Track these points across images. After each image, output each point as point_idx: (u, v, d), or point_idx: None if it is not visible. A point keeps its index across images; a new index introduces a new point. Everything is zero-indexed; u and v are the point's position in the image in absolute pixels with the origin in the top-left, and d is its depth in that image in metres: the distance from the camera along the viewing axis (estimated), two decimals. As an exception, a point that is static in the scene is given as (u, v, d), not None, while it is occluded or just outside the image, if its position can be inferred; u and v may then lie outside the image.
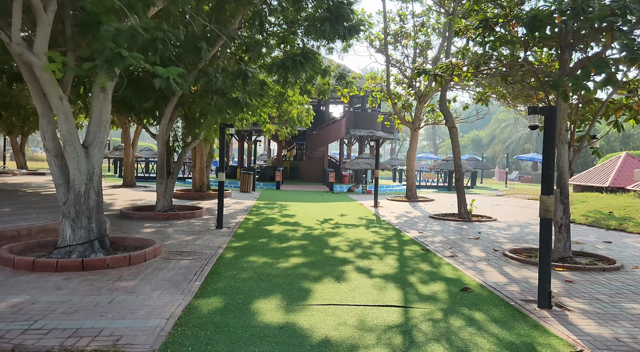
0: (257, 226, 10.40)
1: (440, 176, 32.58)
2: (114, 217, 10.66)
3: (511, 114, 54.76)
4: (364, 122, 28.70)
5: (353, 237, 9.30)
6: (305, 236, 9.34)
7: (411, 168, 17.92)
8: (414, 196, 17.79)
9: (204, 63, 9.81)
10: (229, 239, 8.53)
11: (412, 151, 18.06)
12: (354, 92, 18.70)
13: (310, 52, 10.12)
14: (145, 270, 6.00)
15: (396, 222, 11.65)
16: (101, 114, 6.29)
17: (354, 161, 23.22)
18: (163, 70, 5.62)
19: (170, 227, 9.54)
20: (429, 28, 17.40)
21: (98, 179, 6.47)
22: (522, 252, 7.95)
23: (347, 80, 16.77)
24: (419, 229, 10.65)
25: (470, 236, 9.81)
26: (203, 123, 10.85)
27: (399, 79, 18.68)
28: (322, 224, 10.99)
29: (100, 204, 6.53)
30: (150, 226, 9.68)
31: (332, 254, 7.61)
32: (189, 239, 8.39)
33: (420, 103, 17.43)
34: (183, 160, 11.37)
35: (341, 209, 14.52)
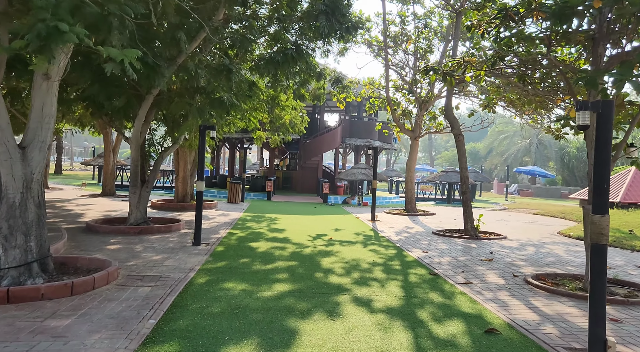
0: (240, 242, 9.20)
1: (439, 188, 31.52)
2: (78, 230, 9.43)
3: (509, 126, 54.11)
4: (360, 131, 27.66)
5: (349, 257, 8.12)
6: (294, 255, 8.15)
7: (411, 179, 16.82)
8: (414, 209, 16.66)
9: (184, 57, 8.69)
10: (205, 259, 7.33)
11: (412, 161, 16.97)
12: (350, 98, 17.66)
13: (303, 45, 9.00)
14: (91, 302, 4.79)
15: (397, 239, 10.49)
16: (43, 107, 5.12)
17: (350, 171, 22.11)
18: (116, 52, 4.48)
19: (139, 244, 8.32)
20: (430, 31, 16.42)
21: (39, 186, 5.28)
22: (547, 279, 6.81)
23: (343, 84, 15.71)
24: (423, 247, 9.49)
25: (481, 256, 8.66)
26: (182, 125, 9.69)
27: (399, 85, 17.66)
28: (315, 241, 9.81)
29: (42, 217, 5.33)
30: (117, 241, 8.45)
31: (324, 279, 6.43)
32: (157, 258, 7.18)
33: (421, 110, 16.38)
34: (159, 168, 10.18)
35: (336, 222, 13.35)
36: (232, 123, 13.66)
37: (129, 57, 4.55)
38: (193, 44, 8.76)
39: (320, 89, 16.06)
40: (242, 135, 25.62)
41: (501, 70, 8.58)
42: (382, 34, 16.14)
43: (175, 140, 10.29)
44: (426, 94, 16.41)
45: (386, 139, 29.14)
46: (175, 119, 9.96)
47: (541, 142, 47.42)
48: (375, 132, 28.00)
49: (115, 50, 4.50)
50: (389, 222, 13.97)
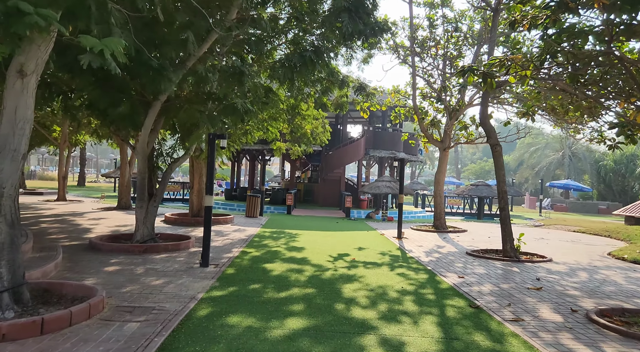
0: (253, 263, 8.31)
1: (467, 202, 30.13)
2: (80, 248, 8.71)
3: (540, 138, 52.14)
4: (384, 143, 26.63)
5: (374, 283, 7.12)
6: (312, 280, 7.20)
7: (440, 193, 15.70)
8: (443, 225, 15.51)
9: (193, 60, 7.96)
10: (211, 284, 6.45)
11: (441, 174, 15.86)
12: (374, 106, 16.73)
13: (323, 47, 8.15)
14: (63, 343, 3.95)
15: (427, 261, 9.42)
16: (17, 109, 4.37)
17: (374, 184, 21.09)
18: (94, 42, 3.69)
19: (141, 265, 7.51)
20: (460, 35, 15.42)
21: (12, 203, 4.50)
22: (613, 316, 5.67)
23: (367, 92, 14.81)
24: (458, 271, 8.41)
25: (527, 283, 7.53)
26: (193, 135, 8.93)
27: (426, 92, 16.65)
28: (336, 262, 8.84)
29: (15, 239, 4.55)
30: (118, 262, 7.67)
31: (346, 313, 5.46)
32: (157, 283, 6.34)
33: (451, 119, 15.31)
34: (168, 180, 9.44)
35: (359, 240, 12.35)
36: (249, 133, 12.90)
37: (111, 47, 3.75)
38: (203, 46, 8.03)
39: (343, 97, 15.22)
40: (262, 146, 24.94)
41: (549, 69, 7.55)
42: (409, 39, 15.22)
43: (186, 150, 9.54)
44: (456, 102, 15.36)
45: (411, 150, 28.03)
46: (186, 128, 9.22)
47: (575, 155, 45.39)
48: (401, 143, 26.96)
49: (93, 39, 3.71)
50: (417, 240, 12.88)
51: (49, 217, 13.67)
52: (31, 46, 4.32)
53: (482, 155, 72.14)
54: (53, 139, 21.82)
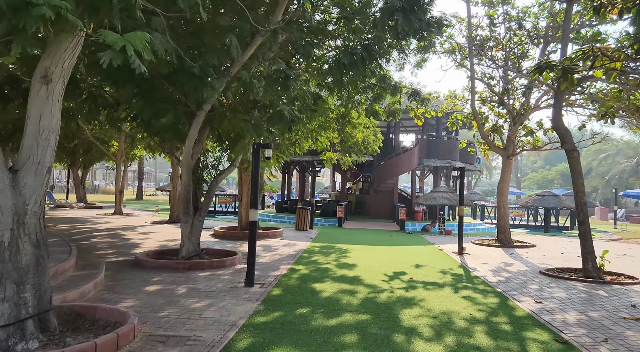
0: (302, 282, 7.67)
1: (530, 213, 28.16)
2: (125, 265, 8.45)
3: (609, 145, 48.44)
4: (439, 151, 25.42)
5: (437, 309, 6.27)
6: (366, 303, 6.45)
7: (504, 205, 14.44)
8: (508, 239, 14.22)
9: (238, 67, 7.54)
10: (254, 308, 5.86)
11: (504, 184, 14.62)
12: (429, 113, 15.81)
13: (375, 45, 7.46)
14: (82, 382, 3.46)
15: (495, 281, 8.40)
16: (41, 118, 4.01)
17: (429, 195, 20.00)
18: (115, 37, 3.22)
19: (184, 284, 7.07)
20: (524, 34, 14.23)
21: (37, 221, 4.13)
22: None
23: (422, 97, 13.94)
24: (534, 294, 7.36)
25: (622, 312, 6.39)
26: (238, 145, 8.50)
27: (486, 97, 15.52)
28: (391, 282, 8.03)
29: (42, 260, 4.17)
30: (160, 280, 7.28)
31: (407, 346, 4.68)
32: (198, 306, 5.84)
33: (515, 124, 14.10)
34: (214, 194, 9.05)
35: (416, 256, 11.43)
36: (298, 143, 12.40)
37: (136, 42, 3.27)
38: (248, 51, 7.59)
39: (396, 104, 14.44)
40: (312, 157, 24.49)
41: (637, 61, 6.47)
42: (467, 39, 14.24)
43: (231, 162, 9.14)
44: (520, 106, 14.14)
45: (468, 159, 26.60)
46: (231, 138, 8.82)
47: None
48: (457, 151, 25.65)
49: (114, 35, 3.25)
50: (480, 256, 11.77)
51: (102, 231, 13.77)
52: (57, 48, 3.95)
53: (543, 163, 68.28)
54: (111, 154, 22.47)
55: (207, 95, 6.89)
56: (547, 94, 13.81)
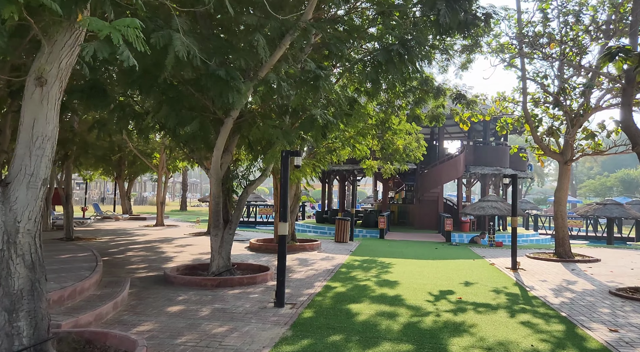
0: (337, 302, 6.98)
1: (590, 223, 26.18)
2: (153, 281, 8.07)
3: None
4: (487, 158, 24.07)
5: (491, 338, 5.42)
6: (408, 329, 5.68)
7: (562, 214, 13.18)
8: (568, 253, 12.93)
9: (267, 70, 7.04)
10: (282, 334, 5.24)
11: (563, 192, 13.35)
12: (476, 117, 14.78)
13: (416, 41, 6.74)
14: None
15: (558, 303, 7.38)
16: (35, 124, 3.59)
17: (477, 205, 18.81)
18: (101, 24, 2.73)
19: (209, 304, 6.56)
20: (581, 30, 13.03)
21: (31, 239, 3.70)
22: None
23: (467, 100, 13.02)
24: (607, 320, 6.33)
25: None
26: (268, 153, 7.98)
27: (538, 98, 14.35)
28: (437, 303, 7.20)
29: (37, 284, 3.73)
30: (186, 299, 6.81)
31: (458, 390, 3.90)
32: (219, 331, 5.29)
33: (573, 127, 12.87)
34: (244, 205, 8.56)
35: (464, 271, 10.48)
36: (335, 151, 11.78)
37: (122, 30, 2.76)
38: (277, 52, 7.08)
39: (439, 107, 13.59)
40: (352, 166, 23.82)
41: None
42: (517, 36, 13.21)
43: (262, 171, 8.63)
44: (579, 107, 12.91)
45: (519, 165, 25.04)
46: (261, 147, 8.32)
47: None
48: (506, 158, 24.21)
49: (99, 21, 2.75)
50: (537, 272, 10.65)
51: (139, 244, 13.65)
52: (52, 46, 3.54)
53: (601, 169, 64.28)
54: (153, 166, 22.72)
55: (234, 100, 6.41)
56: (610, 92, 12.53)
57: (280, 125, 7.38)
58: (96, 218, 23.91)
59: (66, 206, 13.33)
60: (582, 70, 12.67)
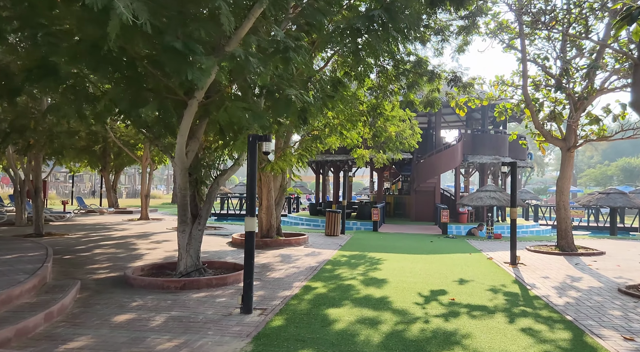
0: (313, 306, 6.19)
1: (591, 212, 25.44)
2: (111, 283, 7.25)
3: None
4: (485, 147, 23.25)
5: (488, 350, 4.63)
6: (391, 340, 4.89)
7: (564, 205, 12.37)
8: (571, 245, 12.15)
9: (235, 44, 6.18)
10: (240, 349, 4.44)
11: (565, 181, 12.53)
12: (473, 102, 13.92)
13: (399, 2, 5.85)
14: None
15: (562, 304, 6.60)
16: None
17: (475, 195, 18.00)
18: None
19: (165, 311, 5.75)
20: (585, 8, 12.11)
21: None
22: None
23: (463, 83, 12.15)
24: (619, 325, 5.54)
25: None
26: (238, 140, 7.14)
27: (539, 81, 13.48)
28: (427, 305, 6.41)
29: None
30: (140, 305, 6.00)
31: None
32: (167, 346, 4.48)
33: (577, 111, 12.02)
34: (215, 198, 7.73)
35: (459, 267, 9.69)
36: (319, 138, 10.92)
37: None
38: (246, 23, 6.21)
39: (434, 91, 12.71)
40: (347, 156, 23.01)
41: None
42: (516, 15, 12.30)
43: (235, 160, 7.78)
44: (583, 89, 12.05)
45: (519, 154, 24.22)
46: (234, 132, 7.46)
47: None
48: (505, 146, 23.39)
49: None
50: (538, 267, 9.87)
51: (114, 239, 12.84)
52: None
53: (601, 158, 63.43)
54: (137, 157, 21.84)
55: (194, 78, 5.55)
56: (616, 73, 11.67)
57: (251, 108, 6.52)
58: (80, 212, 23.08)
59: (35, 200, 12.49)
60: (588, 46, 11.77)
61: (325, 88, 7.85)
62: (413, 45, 12.70)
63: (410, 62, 12.62)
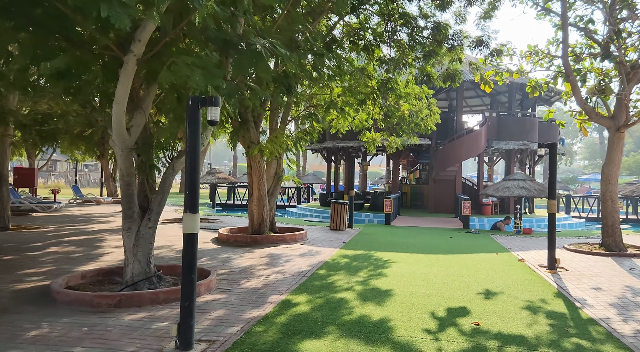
0: (284, 337, 4.46)
1: (629, 204, 23.13)
2: (34, 295, 5.67)
3: None
4: (512, 131, 21.09)
5: None
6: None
7: (612, 196, 10.33)
8: (619, 244, 10.15)
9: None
10: None
11: (614, 166, 10.47)
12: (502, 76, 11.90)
13: None
14: None
15: (632, 333, 4.74)
16: None
17: (501, 184, 15.97)
18: None
19: (68, 347, 4.11)
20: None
21: None
22: None
23: (491, 49, 10.17)
24: None
25: None
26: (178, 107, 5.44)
27: (581, 51, 11.38)
28: (441, 335, 4.62)
29: None
30: (40, 337, 4.37)
31: None
32: None
33: (629, 83, 9.94)
34: (170, 187, 6.05)
35: (484, 273, 7.85)
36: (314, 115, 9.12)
37: None
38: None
39: (455, 61, 10.76)
40: (359, 143, 21.12)
41: None
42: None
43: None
44: (638, 57, 9.95)
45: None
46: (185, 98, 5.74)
47: None
48: (534, 131, 21.21)
49: None
50: (584, 273, 7.95)
51: (85, 234, 11.36)
52: None
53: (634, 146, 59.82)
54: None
55: (112, 16, 3.86)
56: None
57: (203, 64, 4.78)
58: (76, 202, 21.85)
59: (0, 189, 11.09)
60: None
61: (313, 44, 6.05)
62: (430, 8, 10.79)
63: (427, 29, 10.71)
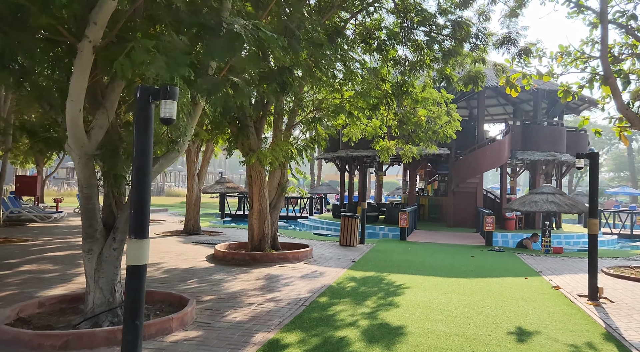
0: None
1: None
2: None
3: None
4: (537, 141, 19.77)
5: None
6: None
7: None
8: (668, 270, 8.83)
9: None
10: None
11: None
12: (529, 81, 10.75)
13: None
14: None
15: None
16: None
17: (528, 198, 14.68)
18: None
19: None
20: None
21: None
22: None
23: (520, 48, 9.08)
24: None
25: None
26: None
27: (620, 52, 10.20)
28: (471, 402, 3.52)
29: None
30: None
31: None
32: None
33: (680, 84, 8.71)
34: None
35: (514, 302, 6.68)
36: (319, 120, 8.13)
37: None
38: None
39: (478, 62, 9.70)
40: (374, 152, 20.04)
41: None
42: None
43: (166, 145, 5.10)
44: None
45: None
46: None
47: None
48: (562, 140, 19.87)
49: None
50: (634, 306, 6.71)
51: (72, 248, 10.53)
52: None
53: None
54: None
55: None
56: None
57: (165, 49, 3.84)
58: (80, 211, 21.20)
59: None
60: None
61: (312, 34, 5.07)
62: (451, 7, 9.79)
63: (447, 27, 9.69)
